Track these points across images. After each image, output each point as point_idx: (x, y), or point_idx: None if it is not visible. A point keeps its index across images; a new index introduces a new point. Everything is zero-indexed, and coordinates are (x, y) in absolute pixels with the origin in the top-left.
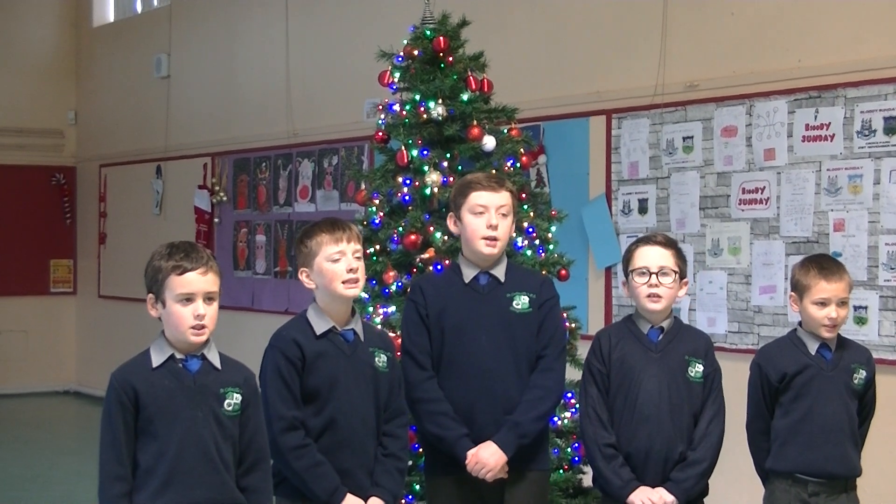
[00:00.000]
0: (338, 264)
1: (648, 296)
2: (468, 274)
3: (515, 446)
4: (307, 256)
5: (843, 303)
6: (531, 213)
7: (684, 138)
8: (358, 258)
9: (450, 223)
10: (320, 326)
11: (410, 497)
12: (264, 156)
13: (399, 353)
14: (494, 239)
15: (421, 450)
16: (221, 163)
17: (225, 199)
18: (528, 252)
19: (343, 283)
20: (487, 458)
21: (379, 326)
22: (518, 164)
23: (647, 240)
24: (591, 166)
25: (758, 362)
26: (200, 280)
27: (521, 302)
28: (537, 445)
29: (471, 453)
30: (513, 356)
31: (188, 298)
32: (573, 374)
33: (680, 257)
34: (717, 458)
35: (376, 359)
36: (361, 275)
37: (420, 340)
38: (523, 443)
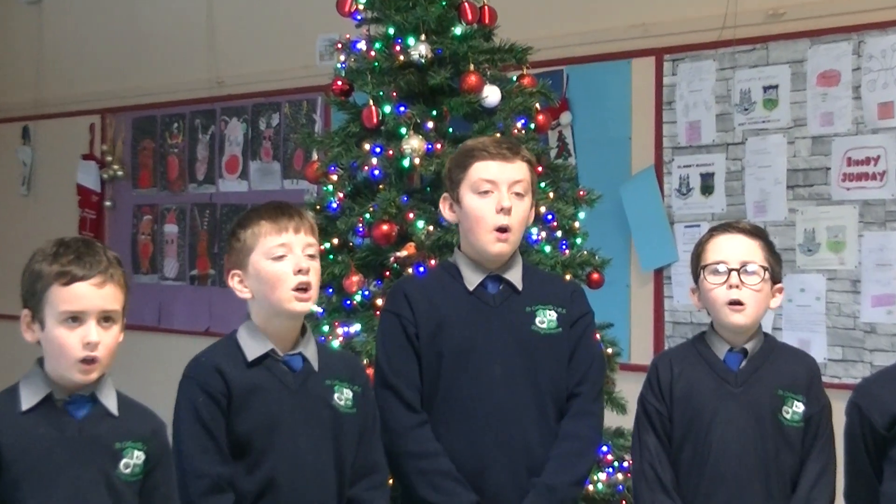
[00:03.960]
0: (282, 263)
1: (729, 303)
2: (472, 279)
3: None
4: (240, 254)
5: None
6: (550, 194)
7: (765, 88)
8: (311, 256)
9: (444, 207)
10: (253, 350)
11: None
12: (176, 113)
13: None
14: (505, 230)
15: None
16: (116, 123)
17: (121, 173)
18: (547, 248)
19: (293, 291)
20: None
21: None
22: (532, 126)
23: (724, 227)
24: (633, 128)
25: (857, 403)
26: (94, 294)
27: (547, 319)
28: None
29: None
30: (535, 393)
31: (75, 318)
32: (609, 418)
33: (771, 252)
34: None
35: (336, 395)
36: (315, 279)
37: (407, 370)
38: None
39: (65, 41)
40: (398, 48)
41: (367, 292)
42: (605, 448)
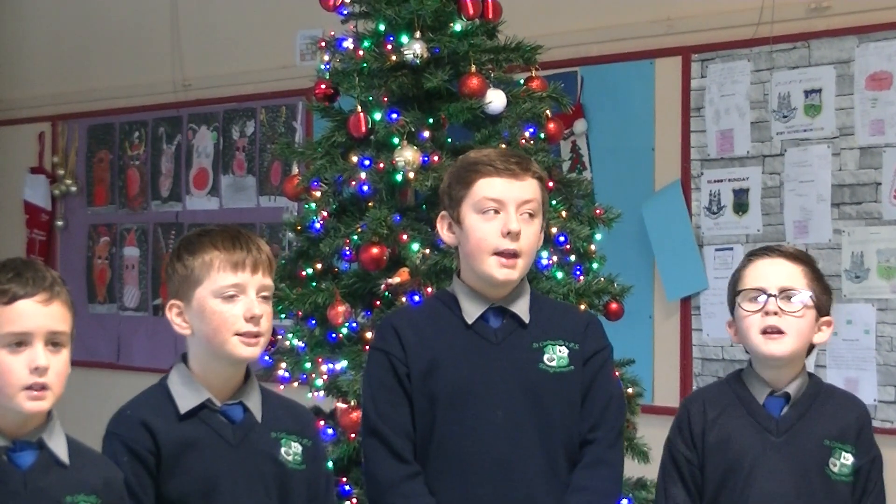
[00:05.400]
0: (232, 305)
1: (764, 332)
2: (471, 311)
3: None
4: (185, 283)
5: None
6: (563, 213)
7: (807, 93)
8: (265, 299)
9: (441, 227)
10: (187, 400)
11: None
12: (137, 120)
13: (352, 435)
14: (514, 255)
15: None
16: (68, 131)
17: (74, 189)
18: (559, 274)
19: (237, 336)
20: None
21: (319, 393)
22: (542, 135)
23: (764, 251)
24: (657, 137)
25: None
26: (40, 312)
27: (556, 356)
28: None
29: None
30: (543, 442)
31: (20, 342)
32: (631, 467)
33: (817, 280)
34: None
35: (283, 449)
36: (267, 327)
37: (396, 415)
38: None
39: (10, 38)
40: (389, 47)
41: (354, 324)
42: (625, 502)
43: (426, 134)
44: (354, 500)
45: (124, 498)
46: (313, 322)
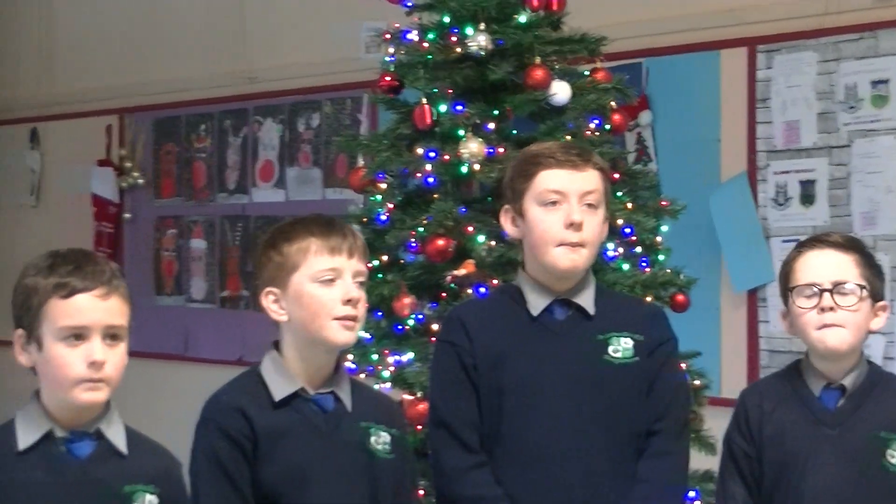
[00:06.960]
0: (330, 289)
1: (820, 327)
2: (537, 303)
3: None
4: (280, 269)
5: None
6: (629, 204)
7: (874, 83)
8: (361, 284)
9: (505, 221)
10: (281, 388)
11: None
12: (203, 113)
13: (418, 427)
14: (579, 245)
15: None
16: (134, 124)
17: (141, 181)
18: (625, 266)
19: (336, 320)
20: None
21: (386, 384)
22: (607, 126)
23: (813, 242)
24: (723, 129)
25: None
26: (98, 307)
27: (622, 347)
28: None
29: None
30: (608, 433)
31: (78, 335)
32: (697, 459)
33: (869, 266)
34: None
35: (373, 438)
36: (362, 312)
37: (463, 407)
38: None
39: (77, 31)
40: (454, 39)
41: (420, 316)
42: (692, 493)
43: (491, 126)
44: (421, 492)
45: (184, 490)
46: (380, 314)
